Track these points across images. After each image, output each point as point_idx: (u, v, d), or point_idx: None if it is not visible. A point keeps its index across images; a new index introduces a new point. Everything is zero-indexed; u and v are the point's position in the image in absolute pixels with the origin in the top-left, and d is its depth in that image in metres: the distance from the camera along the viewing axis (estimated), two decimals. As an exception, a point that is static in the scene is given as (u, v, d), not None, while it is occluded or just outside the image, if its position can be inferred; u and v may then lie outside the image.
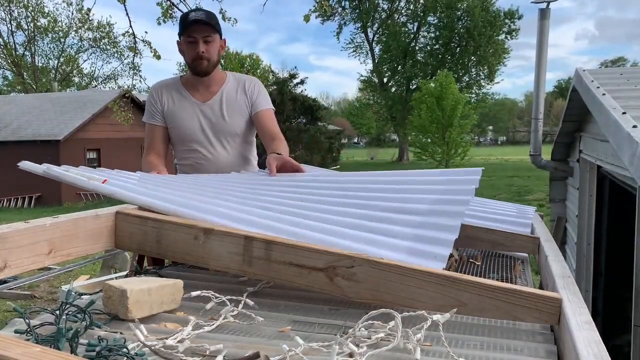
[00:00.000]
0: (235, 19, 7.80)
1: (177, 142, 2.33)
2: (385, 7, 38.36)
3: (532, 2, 4.81)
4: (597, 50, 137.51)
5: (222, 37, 2.27)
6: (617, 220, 4.30)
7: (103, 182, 1.45)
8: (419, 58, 37.95)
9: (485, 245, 1.64)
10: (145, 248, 1.29)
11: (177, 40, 2.24)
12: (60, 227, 1.17)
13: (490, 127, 75.15)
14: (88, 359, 0.81)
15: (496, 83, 46.50)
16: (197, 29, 2.14)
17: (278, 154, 2.06)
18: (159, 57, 8.24)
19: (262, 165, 2.31)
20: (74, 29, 32.55)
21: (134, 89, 9.69)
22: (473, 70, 37.45)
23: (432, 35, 37.79)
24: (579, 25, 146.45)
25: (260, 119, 2.31)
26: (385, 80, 39.24)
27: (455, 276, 1.07)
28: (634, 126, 1.99)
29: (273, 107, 2.39)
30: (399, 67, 37.83)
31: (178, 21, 2.26)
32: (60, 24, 32.97)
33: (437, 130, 23.89)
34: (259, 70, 33.31)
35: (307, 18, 7.44)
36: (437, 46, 37.74)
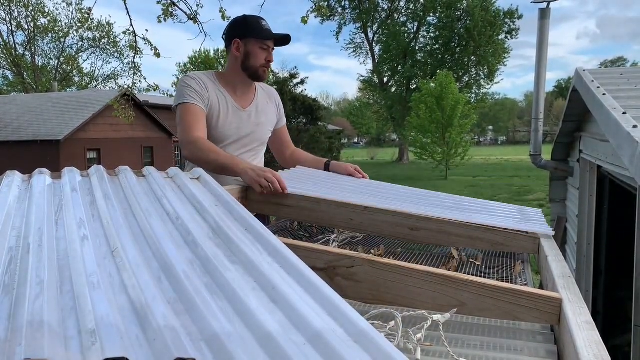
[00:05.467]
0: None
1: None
2: (385, 7, 38.37)
3: (532, 2, 4.81)
4: (598, 50, 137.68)
5: None
6: (617, 220, 4.30)
7: None
8: (419, 58, 37.93)
9: (485, 245, 1.64)
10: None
11: (235, 40, 2.19)
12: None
13: (490, 127, 75.21)
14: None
15: (496, 83, 46.52)
16: (273, 40, 2.21)
17: (328, 161, 2.37)
18: (158, 55, 8.24)
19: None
20: (74, 28, 32.58)
21: (134, 87, 9.67)
22: (473, 70, 37.44)
23: (432, 35, 37.78)
24: (580, 24, 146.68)
25: (282, 133, 2.49)
26: (385, 80, 39.24)
27: (455, 276, 1.07)
28: (634, 126, 1.99)
29: None
30: (399, 67, 37.82)
31: (242, 21, 2.23)
32: (60, 23, 33.01)
33: (437, 130, 23.90)
34: (259, 70, 33.25)
35: (304, 20, 7.44)
36: (437, 46, 37.71)
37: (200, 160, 1.96)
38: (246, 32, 2.19)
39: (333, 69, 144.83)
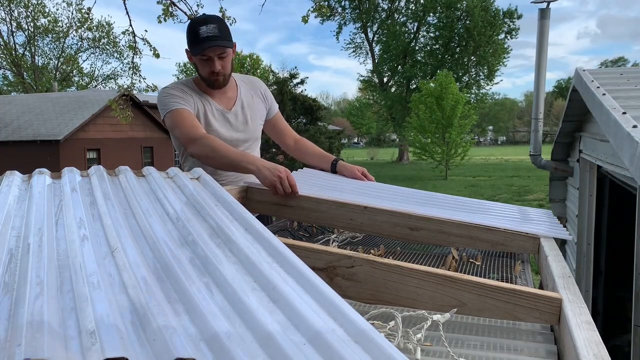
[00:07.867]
0: (234, 18, 7.82)
1: None
2: (385, 7, 38.36)
3: (532, 2, 4.81)
4: (598, 50, 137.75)
5: (233, 42, 2.09)
6: (617, 220, 4.31)
7: None
8: (419, 58, 37.92)
9: (485, 245, 1.64)
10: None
11: (187, 50, 2.07)
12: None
13: (490, 127, 75.22)
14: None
15: (495, 84, 46.47)
16: (212, 48, 1.99)
17: (335, 160, 2.28)
18: (157, 56, 8.23)
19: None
20: (74, 28, 32.57)
21: (134, 88, 9.66)
22: (473, 70, 37.43)
23: (432, 35, 37.78)
24: (580, 24, 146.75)
25: (277, 121, 2.41)
26: (385, 80, 39.24)
27: (455, 276, 1.06)
28: (634, 126, 1.99)
29: None
30: (399, 67, 37.81)
31: (187, 29, 2.05)
32: (60, 23, 33.01)
33: (437, 130, 23.90)
34: (259, 70, 33.34)
35: (305, 19, 7.44)
36: (437, 46, 37.71)
37: (210, 157, 1.90)
38: (189, 44, 2.05)
39: (333, 69, 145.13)
